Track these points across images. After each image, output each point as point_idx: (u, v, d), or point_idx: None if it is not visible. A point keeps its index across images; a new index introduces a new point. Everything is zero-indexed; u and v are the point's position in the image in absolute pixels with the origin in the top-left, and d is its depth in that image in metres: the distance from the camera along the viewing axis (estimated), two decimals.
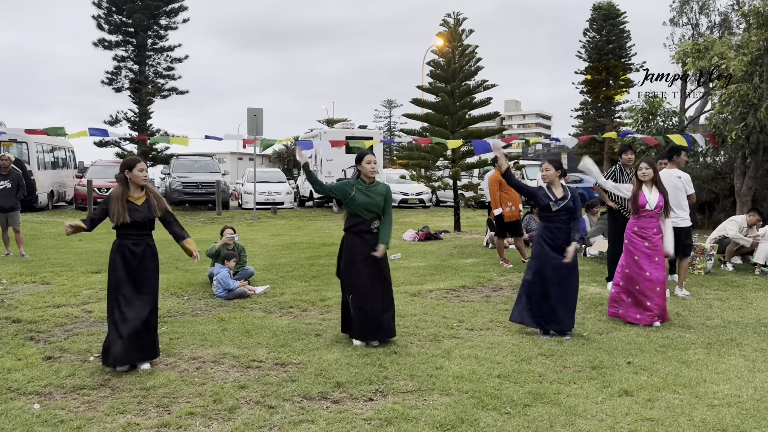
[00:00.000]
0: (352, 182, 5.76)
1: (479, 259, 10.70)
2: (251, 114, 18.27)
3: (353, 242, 5.71)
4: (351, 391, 4.44)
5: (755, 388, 4.49)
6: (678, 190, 7.58)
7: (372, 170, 5.80)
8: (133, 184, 5.14)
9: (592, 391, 4.45)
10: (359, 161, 5.80)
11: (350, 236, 5.73)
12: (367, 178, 5.76)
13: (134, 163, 5.15)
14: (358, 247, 5.70)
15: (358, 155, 5.89)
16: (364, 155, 5.84)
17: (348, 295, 5.69)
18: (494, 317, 6.69)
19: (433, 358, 5.20)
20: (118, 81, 37.99)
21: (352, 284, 5.67)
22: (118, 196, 5.05)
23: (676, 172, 7.70)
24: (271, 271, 9.48)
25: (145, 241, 5.18)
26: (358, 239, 5.71)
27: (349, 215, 5.75)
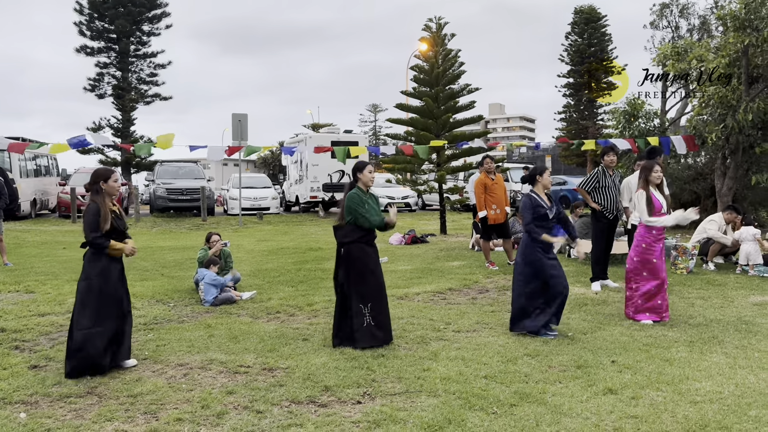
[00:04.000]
0: (360, 193, 5.77)
1: (465, 261, 10.76)
2: (236, 119, 18.23)
3: (366, 252, 5.77)
4: (339, 395, 4.46)
5: (736, 384, 4.57)
6: None
7: (372, 179, 5.91)
8: (108, 195, 5.15)
9: (577, 390, 4.51)
10: (360, 171, 5.83)
11: (361, 246, 5.75)
12: (366, 187, 5.85)
13: (109, 174, 5.19)
14: (372, 256, 5.81)
15: (358, 165, 5.90)
16: (365, 165, 5.88)
17: (362, 305, 5.65)
18: (480, 319, 6.74)
19: (420, 360, 5.23)
20: (101, 87, 37.73)
21: (370, 293, 5.70)
22: (103, 204, 5.06)
23: None
24: (257, 277, 9.47)
25: None
26: (371, 249, 5.82)
27: (354, 227, 5.73)
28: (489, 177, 9.94)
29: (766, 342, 5.72)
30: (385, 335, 5.74)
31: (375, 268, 5.80)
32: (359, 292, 5.70)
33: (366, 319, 5.66)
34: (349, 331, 5.68)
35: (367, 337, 5.64)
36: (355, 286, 5.70)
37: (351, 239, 5.76)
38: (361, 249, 5.75)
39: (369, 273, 5.74)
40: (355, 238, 5.75)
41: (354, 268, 5.73)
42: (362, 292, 5.70)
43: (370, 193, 5.93)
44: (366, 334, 5.64)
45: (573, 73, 46.29)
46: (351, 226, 5.76)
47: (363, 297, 5.69)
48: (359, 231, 5.75)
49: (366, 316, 5.66)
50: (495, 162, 15.12)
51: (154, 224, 19.41)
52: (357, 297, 5.69)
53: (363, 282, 5.71)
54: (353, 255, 5.74)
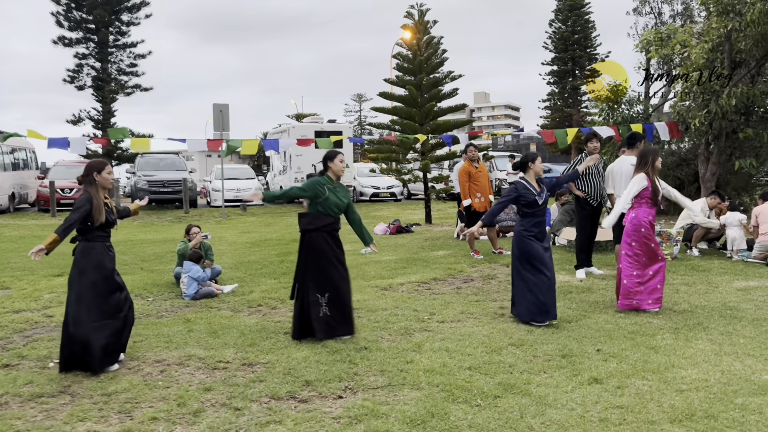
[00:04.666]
0: (323, 181, 5.68)
1: (450, 251, 10.68)
2: (217, 110, 17.97)
3: (326, 241, 5.64)
4: (320, 390, 4.35)
5: (722, 371, 4.53)
6: (631, 177, 7.60)
7: (343, 169, 5.81)
8: (102, 186, 5.06)
9: (562, 380, 4.44)
10: (331, 159, 5.73)
11: (322, 235, 5.64)
12: (336, 177, 5.74)
13: (103, 166, 5.13)
14: (332, 246, 5.68)
15: (329, 154, 5.79)
16: (336, 154, 5.77)
17: (320, 295, 5.55)
18: (465, 309, 6.66)
19: (403, 352, 5.14)
20: (80, 79, 36.99)
21: (328, 282, 5.59)
22: (96, 196, 4.98)
23: (630, 159, 7.73)
24: (239, 270, 9.32)
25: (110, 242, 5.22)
26: (331, 238, 5.69)
27: (318, 215, 5.65)
28: (473, 165, 9.84)
29: (751, 328, 5.69)
30: (346, 327, 5.61)
31: (335, 257, 5.64)
32: (316, 282, 5.58)
33: (322, 309, 5.54)
34: (307, 321, 5.56)
35: (322, 328, 5.52)
36: (312, 275, 5.59)
37: (313, 227, 5.64)
38: (323, 237, 5.63)
39: (327, 262, 5.61)
40: (318, 226, 5.63)
41: (313, 256, 5.61)
42: (319, 282, 5.58)
43: (340, 184, 5.81)
44: (322, 324, 5.52)
45: (557, 61, 46.35)
46: (315, 214, 5.65)
47: (320, 287, 5.57)
48: (322, 219, 5.64)
49: (322, 306, 5.55)
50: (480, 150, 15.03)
51: (135, 217, 19.12)
52: (314, 286, 5.58)
53: (321, 271, 5.59)
54: (313, 243, 5.62)
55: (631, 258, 6.43)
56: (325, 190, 5.63)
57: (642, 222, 6.39)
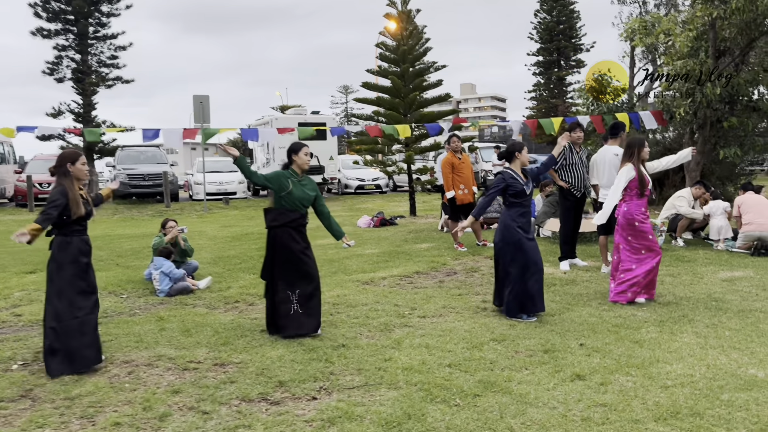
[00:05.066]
0: (287, 174, 5.51)
1: (434, 243, 10.53)
2: (197, 101, 17.64)
3: (293, 237, 5.48)
4: (294, 390, 4.18)
5: (708, 366, 4.41)
6: (615, 168, 7.49)
7: (308, 162, 5.65)
8: (76, 178, 4.88)
9: (543, 376, 4.30)
10: (296, 152, 5.56)
11: (288, 231, 5.46)
12: (300, 170, 5.57)
13: (77, 157, 4.93)
14: (299, 241, 5.51)
15: (294, 146, 5.61)
16: (301, 147, 5.59)
17: (290, 292, 5.39)
18: (447, 303, 6.51)
19: (382, 350, 4.98)
20: (60, 71, 36.33)
21: (298, 279, 5.43)
22: (72, 188, 4.78)
23: (614, 149, 7.60)
24: (218, 264, 9.11)
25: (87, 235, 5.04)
26: (298, 234, 5.52)
27: (283, 210, 5.46)
28: (456, 156, 9.68)
29: (736, 320, 5.59)
30: (316, 324, 5.47)
31: (303, 252, 5.48)
32: (286, 279, 5.42)
33: (293, 306, 5.39)
34: (276, 318, 5.42)
35: (293, 325, 5.37)
36: (281, 272, 5.42)
37: (279, 223, 5.46)
38: (289, 234, 5.45)
39: (296, 259, 5.44)
40: (284, 222, 5.46)
41: (280, 253, 5.43)
42: (289, 279, 5.42)
43: (306, 176, 5.63)
44: (293, 321, 5.37)
45: (542, 52, 46.32)
46: (280, 210, 5.47)
47: (290, 284, 5.42)
48: (288, 215, 5.46)
49: (293, 303, 5.39)
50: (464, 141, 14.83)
51: (115, 211, 18.81)
52: (283, 284, 5.42)
53: (289, 268, 5.43)
54: (279, 240, 5.44)
55: (629, 252, 6.30)
56: (289, 184, 5.45)
57: (635, 216, 6.25)
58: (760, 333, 5.16)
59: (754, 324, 5.43)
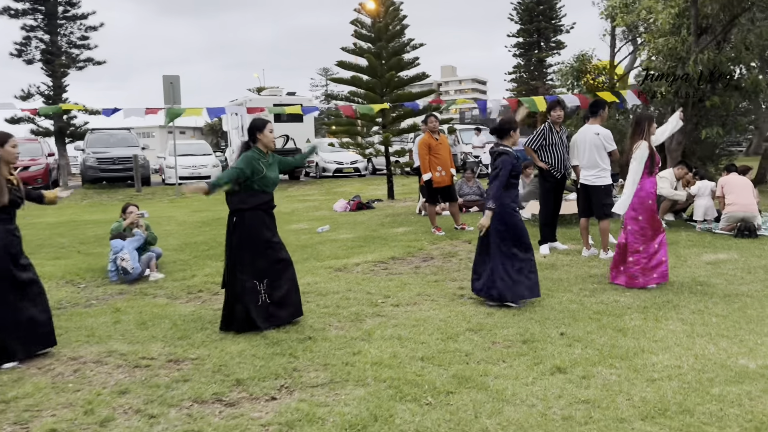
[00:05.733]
0: (255, 155, 5.09)
1: (411, 227, 10.20)
2: (167, 82, 17.03)
3: (263, 221, 5.10)
4: (252, 390, 3.84)
5: (696, 356, 4.15)
6: (596, 148, 7.20)
7: (274, 140, 5.26)
8: (5, 162, 4.47)
9: (522, 369, 4.01)
10: (260, 129, 5.14)
11: (258, 215, 5.09)
12: (266, 149, 5.19)
13: (6, 138, 4.51)
14: (269, 226, 5.16)
15: (257, 123, 5.19)
16: (265, 123, 5.19)
17: (258, 282, 5.01)
18: (422, 290, 6.20)
19: (351, 342, 4.65)
20: (29, 52, 35.25)
21: (268, 267, 5.05)
22: None
23: (594, 128, 7.30)
24: (184, 251, 8.70)
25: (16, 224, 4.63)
26: (268, 218, 5.16)
27: (253, 192, 5.06)
28: (433, 137, 9.32)
29: (723, 305, 5.35)
30: (290, 311, 5.13)
31: (273, 238, 5.12)
32: (254, 267, 5.01)
33: (261, 297, 5.01)
34: (243, 311, 4.97)
35: (262, 317, 4.99)
36: (249, 260, 5.02)
37: (249, 206, 5.05)
38: (259, 217, 5.07)
39: (266, 245, 5.07)
40: (254, 204, 5.06)
41: (248, 239, 5.03)
42: (257, 267, 5.02)
43: (271, 155, 5.24)
44: (262, 313, 5.00)
45: (522, 33, 45.94)
46: (249, 192, 5.05)
47: (258, 273, 5.02)
48: (258, 197, 5.07)
49: (261, 293, 5.01)
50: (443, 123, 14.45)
51: (84, 196, 18.21)
52: (250, 272, 5.01)
53: (258, 255, 5.03)
54: (248, 224, 5.04)
55: (637, 233, 6.02)
56: (262, 166, 5.06)
57: (649, 193, 6.00)
58: (747, 319, 4.92)
59: (741, 309, 5.19)
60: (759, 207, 8.88)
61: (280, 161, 5.42)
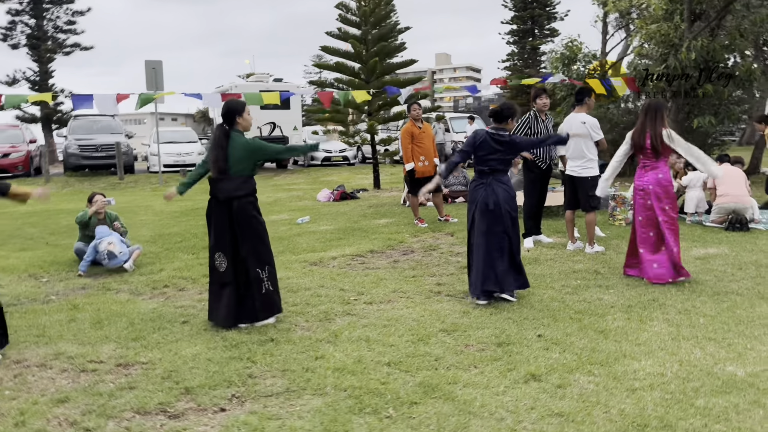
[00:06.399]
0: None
1: (394, 219, 9.90)
2: (149, 67, 16.59)
3: (256, 207, 4.95)
4: (201, 399, 3.55)
5: (680, 362, 3.88)
6: (582, 137, 6.90)
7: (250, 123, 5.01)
8: None
9: (494, 376, 3.73)
10: (240, 113, 4.88)
11: (252, 201, 4.91)
12: (245, 132, 4.96)
13: None
14: (260, 212, 5.00)
15: (236, 106, 4.92)
16: (244, 105, 4.92)
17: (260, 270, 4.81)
18: (398, 286, 5.91)
19: (316, 345, 4.36)
20: (14, 37, 34.72)
21: (267, 254, 4.92)
22: None
23: (580, 117, 6.99)
24: (156, 243, 8.38)
25: None
26: (257, 203, 5.00)
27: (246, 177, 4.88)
28: (416, 125, 9.00)
29: (711, 304, 5.08)
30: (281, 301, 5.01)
31: (265, 225, 5.01)
32: (256, 256, 4.83)
33: (264, 285, 4.83)
34: (251, 303, 4.80)
35: (267, 306, 4.85)
36: (250, 248, 4.81)
37: (243, 193, 4.81)
38: (253, 204, 4.88)
39: (264, 232, 4.93)
40: (248, 191, 4.85)
41: (248, 227, 4.82)
42: (259, 255, 4.85)
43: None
44: (266, 302, 4.84)
45: (516, 20, 45.43)
46: (243, 178, 4.81)
47: (260, 260, 4.84)
48: (251, 183, 4.87)
49: (264, 281, 4.83)
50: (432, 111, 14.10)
51: (65, 184, 17.81)
52: (253, 261, 4.82)
53: (259, 243, 4.86)
54: (246, 212, 4.82)
55: (668, 223, 5.78)
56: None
57: (670, 181, 5.81)
58: (737, 320, 4.65)
59: (730, 309, 4.93)
60: (752, 197, 8.62)
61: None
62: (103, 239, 6.89)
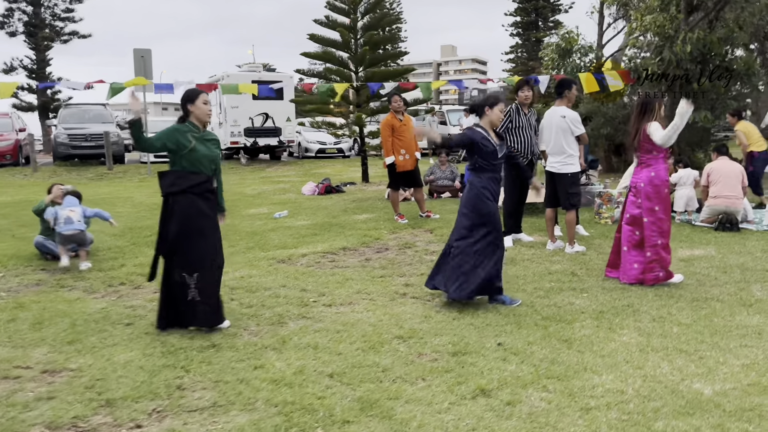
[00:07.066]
0: (184, 128, 4.53)
1: (374, 214, 9.60)
2: (138, 55, 16.30)
3: (197, 206, 4.53)
4: (119, 413, 3.27)
5: (645, 377, 3.58)
6: (562, 131, 6.58)
7: (209, 113, 4.67)
8: None
9: (440, 391, 3.44)
10: (192, 101, 4.57)
11: (191, 198, 4.51)
12: (200, 123, 4.62)
13: None
14: (205, 212, 4.58)
15: (189, 94, 4.62)
16: (198, 95, 4.61)
17: (187, 274, 4.46)
18: (363, 287, 5.63)
19: (259, 352, 4.09)
20: (11, 24, 34.50)
21: (199, 259, 4.49)
22: None
23: (560, 111, 6.67)
24: (124, 237, 8.12)
25: None
26: (203, 201, 4.57)
27: (184, 173, 4.50)
28: (396, 118, 8.68)
29: (688, 311, 4.78)
30: (218, 314, 4.57)
31: (206, 226, 4.56)
32: (184, 259, 4.48)
33: (191, 292, 4.46)
34: (173, 307, 4.51)
35: (191, 314, 4.48)
36: (179, 250, 4.48)
37: (179, 188, 4.49)
38: (192, 202, 4.50)
39: (198, 234, 4.51)
40: (185, 186, 4.49)
41: (179, 226, 4.47)
42: (188, 259, 4.48)
43: (208, 132, 4.68)
44: (190, 310, 4.47)
45: (520, 12, 44.98)
46: (180, 172, 4.51)
47: (188, 265, 4.48)
48: (191, 177, 4.51)
49: (191, 288, 4.47)
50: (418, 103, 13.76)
51: (53, 174, 17.56)
52: (180, 264, 4.48)
53: (190, 245, 4.48)
54: (179, 209, 4.48)
55: (654, 225, 5.46)
56: (190, 139, 4.47)
57: (663, 181, 5.47)
58: (713, 330, 4.35)
59: (707, 317, 4.63)
60: (747, 197, 8.24)
61: (219, 144, 4.87)
62: (66, 207, 6.72)
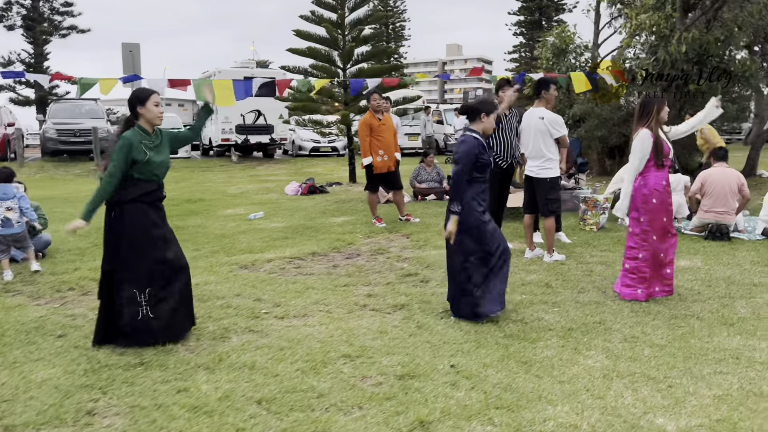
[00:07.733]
0: (135, 139, 4.14)
1: (352, 216, 9.27)
2: (126, 50, 15.91)
3: (147, 216, 4.21)
4: None
5: (603, 409, 3.23)
6: (541, 134, 6.23)
7: (160, 115, 4.32)
8: None
9: (374, 423, 3.11)
10: (142, 102, 4.22)
11: (141, 208, 4.19)
12: (151, 126, 4.28)
13: None
14: (156, 222, 4.27)
15: (138, 94, 4.26)
16: (149, 95, 4.25)
17: (138, 290, 4.14)
18: (323, 297, 5.30)
19: (189, 372, 3.76)
20: (9, 18, 34.33)
21: (149, 274, 4.17)
22: None
23: (538, 112, 6.31)
24: (88, 237, 7.79)
25: None
26: (153, 212, 4.27)
27: (134, 181, 4.16)
28: (375, 117, 8.34)
29: (664, 329, 4.43)
30: (174, 330, 4.25)
31: (161, 237, 4.25)
32: (134, 273, 4.14)
33: (141, 309, 4.14)
34: (116, 326, 4.17)
35: (139, 333, 4.14)
36: (128, 264, 4.14)
37: (128, 198, 4.16)
38: (142, 211, 4.18)
39: (150, 246, 4.19)
40: (135, 196, 4.16)
41: (129, 238, 4.14)
42: (138, 273, 4.15)
43: (159, 132, 4.33)
44: (140, 329, 4.14)
45: (524, 11, 44.61)
46: (129, 180, 4.16)
47: (138, 279, 4.14)
48: (141, 186, 4.18)
49: (142, 306, 4.15)
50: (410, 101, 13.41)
51: (40, 169, 17.32)
52: (130, 279, 4.14)
53: (141, 259, 4.15)
54: (129, 220, 4.15)
55: (638, 237, 5.10)
56: (144, 152, 4.13)
57: (653, 190, 5.04)
58: (687, 353, 4.00)
59: (684, 337, 4.28)
60: (743, 207, 7.78)
61: (173, 138, 4.53)
62: (2, 202, 6.21)
